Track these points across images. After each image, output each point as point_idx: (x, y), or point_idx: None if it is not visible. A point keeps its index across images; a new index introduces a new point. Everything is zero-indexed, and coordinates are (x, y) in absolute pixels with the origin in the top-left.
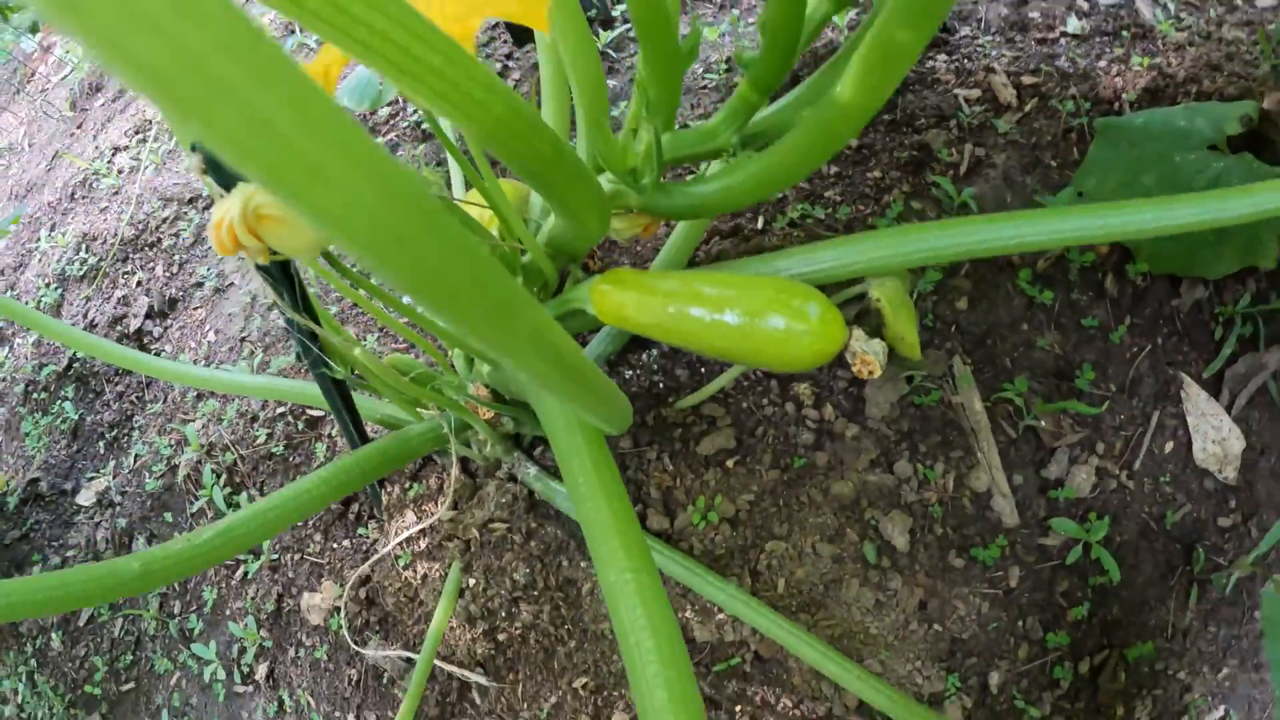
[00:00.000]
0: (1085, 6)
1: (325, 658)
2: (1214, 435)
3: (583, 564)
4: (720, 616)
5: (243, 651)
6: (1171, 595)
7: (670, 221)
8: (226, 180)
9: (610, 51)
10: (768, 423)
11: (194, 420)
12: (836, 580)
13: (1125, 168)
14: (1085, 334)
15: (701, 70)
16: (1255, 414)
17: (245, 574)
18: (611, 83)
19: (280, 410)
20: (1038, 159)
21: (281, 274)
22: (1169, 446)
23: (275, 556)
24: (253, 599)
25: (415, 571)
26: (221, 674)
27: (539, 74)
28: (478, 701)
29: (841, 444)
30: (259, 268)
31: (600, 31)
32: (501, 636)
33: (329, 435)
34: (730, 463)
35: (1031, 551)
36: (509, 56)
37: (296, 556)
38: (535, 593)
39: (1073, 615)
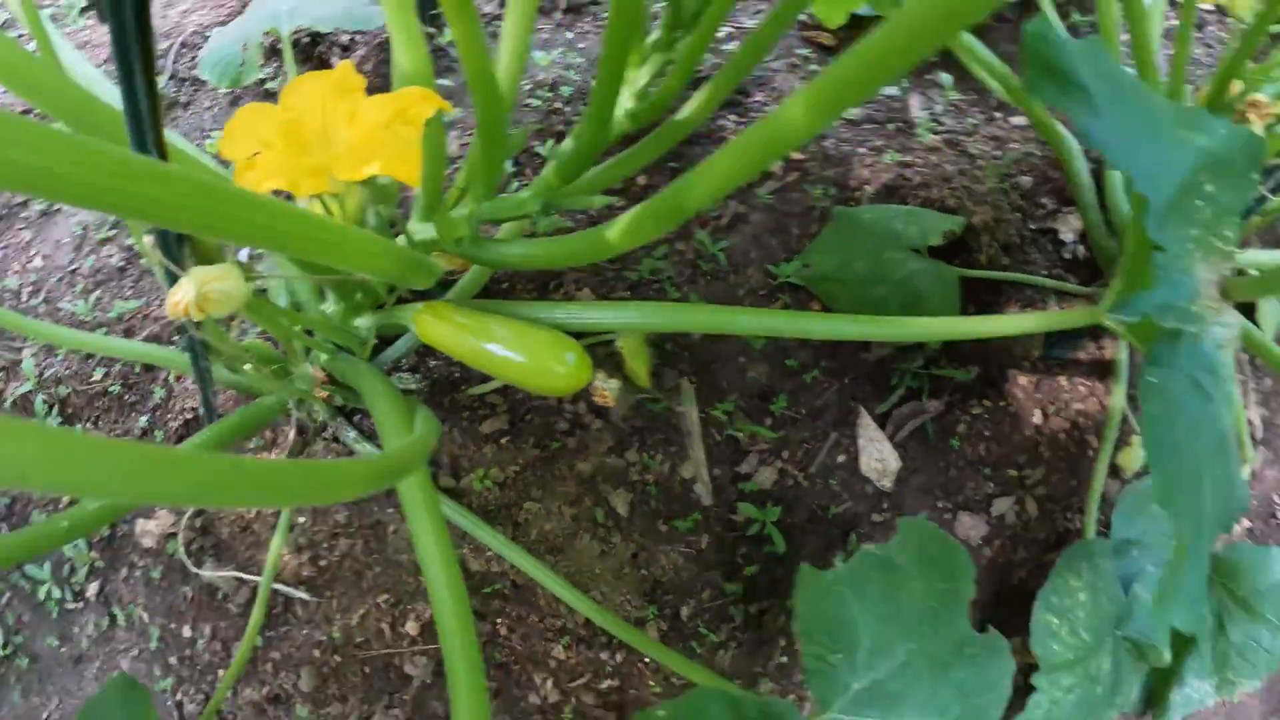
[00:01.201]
0: None
1: (159, 577)
2: (877, 455)
3: (389, 511)
4: (489, 554)
5: (73, 571)
6: (828, 566)
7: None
8: (173, 256)
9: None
10: (535, 412)
11: (26, 348)
12: (574, 534)
13: (844, 252)
14: (788, 370)
15: (530, 88)
16: (913, 444)
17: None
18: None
19: None
20: (784, 225)
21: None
22: (841, 459)
23: None
24: None
25: (250, 508)
26: (56, 593)
27: None
28: (300, 613)
29: (588, 433)
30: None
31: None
32: (322, 563)
33: (165, 381)
34: (503, 440)
35: (720, 524)
36: None
37: None
38: (351, 530)
39: (747, 572)
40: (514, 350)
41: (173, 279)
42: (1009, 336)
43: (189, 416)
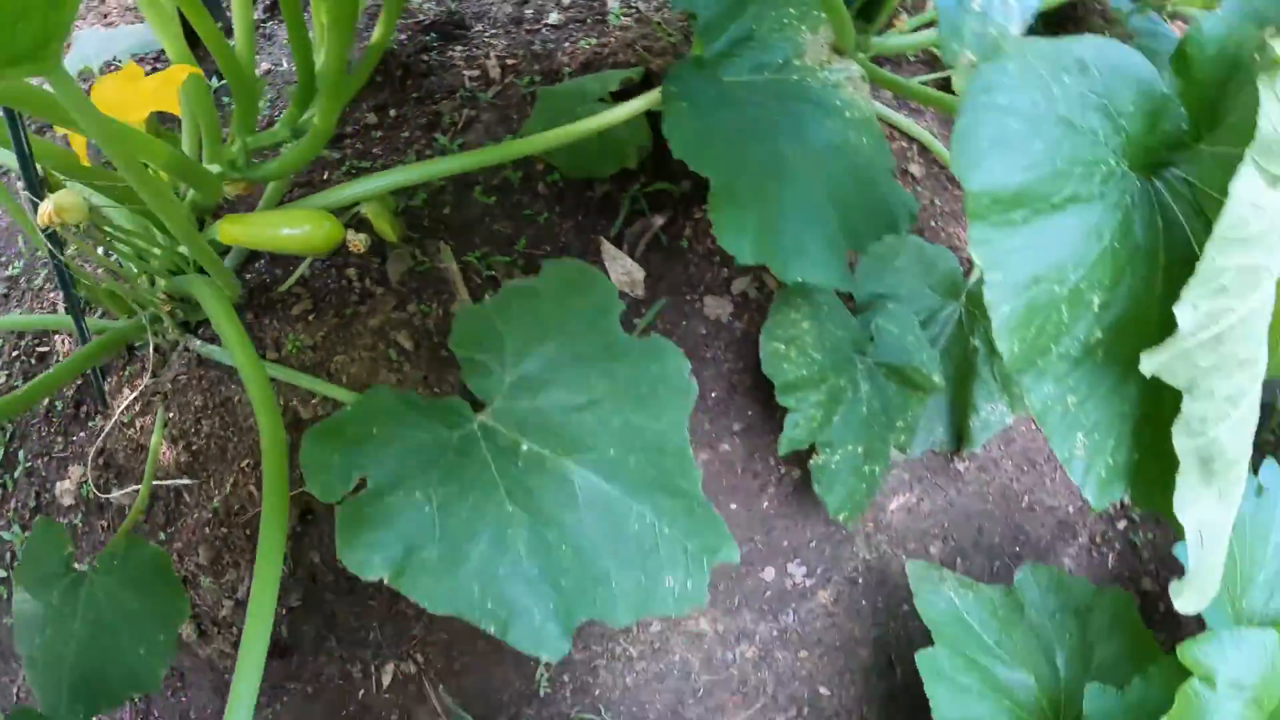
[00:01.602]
0: (566, 2)
1: (80, 523)
2: (623, 270)
3: (234, 387)
4: (314, 401)
5: (14, 556)
6: None
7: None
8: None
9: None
10: (331, 293)
11: None
12: (374, 371)
13: (548, 118)
14: (527, 219)
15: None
16: (651, 254)
17: (5, 488)
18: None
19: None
20: (507, 116)
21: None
22: None
23: (29, 464)
24: (15, 509)
25: (135, 428)
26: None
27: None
28: (188, 499)
29: (375, 299)
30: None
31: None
32: (194, 447)
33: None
34: (310, 317)
35: None
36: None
37: (46, 459)
38: (209, 411)
39: None
40: (290, 228)
41: (36, 207)
42: None
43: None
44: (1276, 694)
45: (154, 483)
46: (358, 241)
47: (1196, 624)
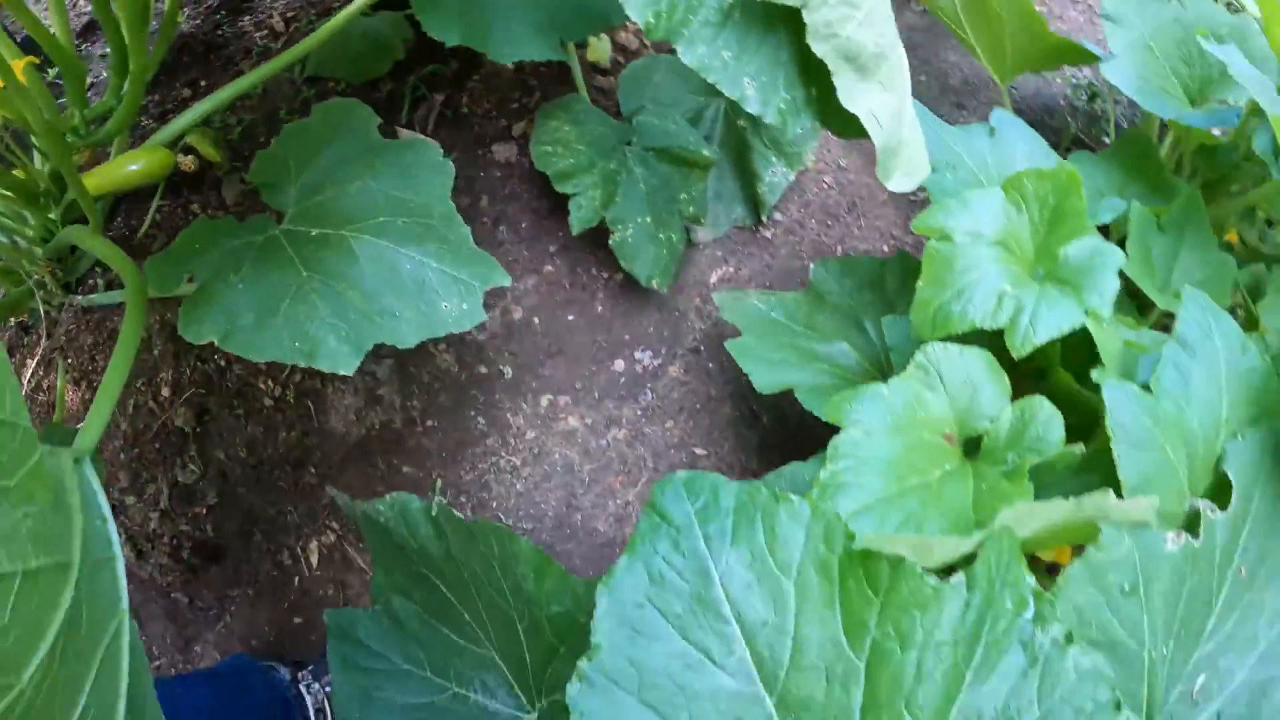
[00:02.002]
0: None
1: None
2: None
3: (118, 319)
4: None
5: None
6: None
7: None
8: None
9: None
10: (181, 225)
11: None
12: None
13: (335, 48)
14: None
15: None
16: (440, 128)
17: None
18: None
19: None
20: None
21: None
22: None
23: None
24: None
25: (44, 390)
26: None
27: None
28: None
29: (218, 218)
30: None
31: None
32: (95, 384)
33: None
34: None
35: None
36: None
37: None
38: (100, 346)
39: None
40: (133, 164)
41: None
42: None
43: None
44: (1024, 239)
45: (65, 428)
46: (187, 161)
47: None
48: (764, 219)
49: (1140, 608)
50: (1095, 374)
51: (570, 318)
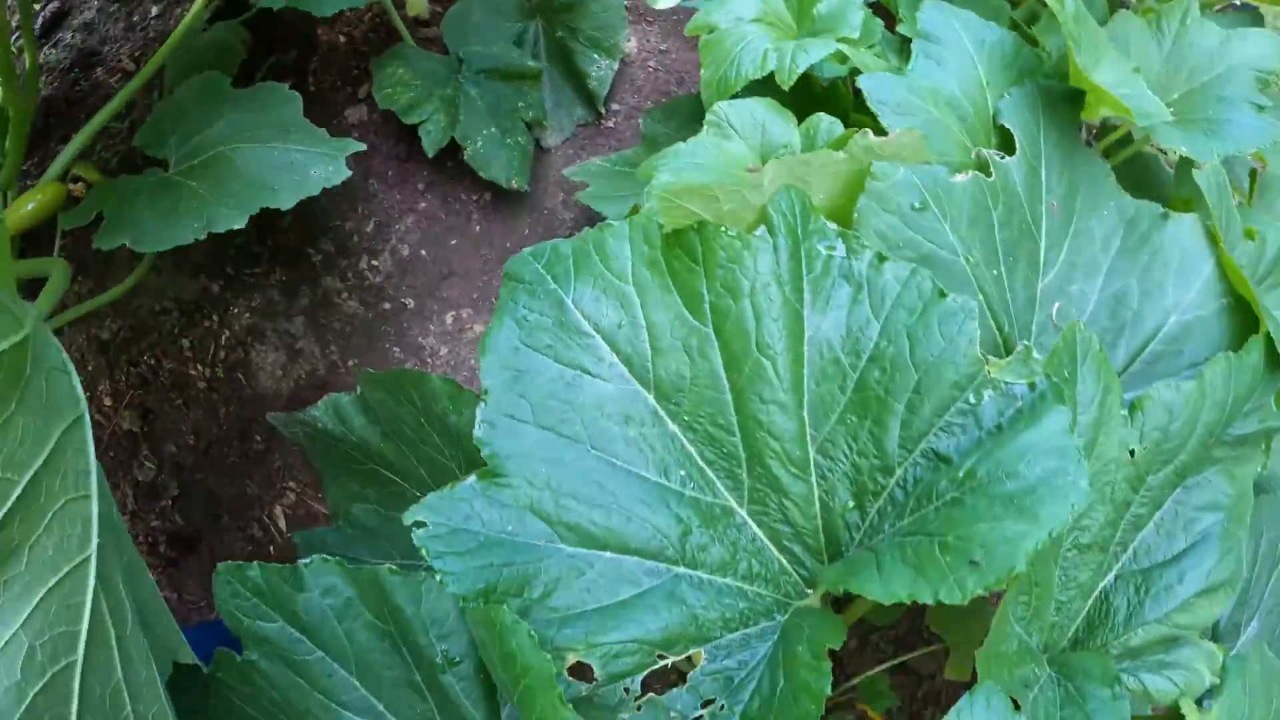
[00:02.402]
0: None
1: None
2: None
3: None
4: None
5: None
6: None
7: None
8: None
9: None
10: (87, 249)
11: None
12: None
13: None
14: None
15: None
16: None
17: None
18: None
19: None
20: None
21: None
22: None
23: None
24: None
25: None
26: None
27: None
28: None
29: None
30: None
31: None
32: None
33: None
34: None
35: None
36: None
37: None
38: None
39: None
40: (31, 202)
41: None
42: None
43: None
44: (783, 15)
45: None
46: (78, 188)
47: None
48: (603, 111)
49: (938, 221)
50: (859, 79)
51: (453, 242)
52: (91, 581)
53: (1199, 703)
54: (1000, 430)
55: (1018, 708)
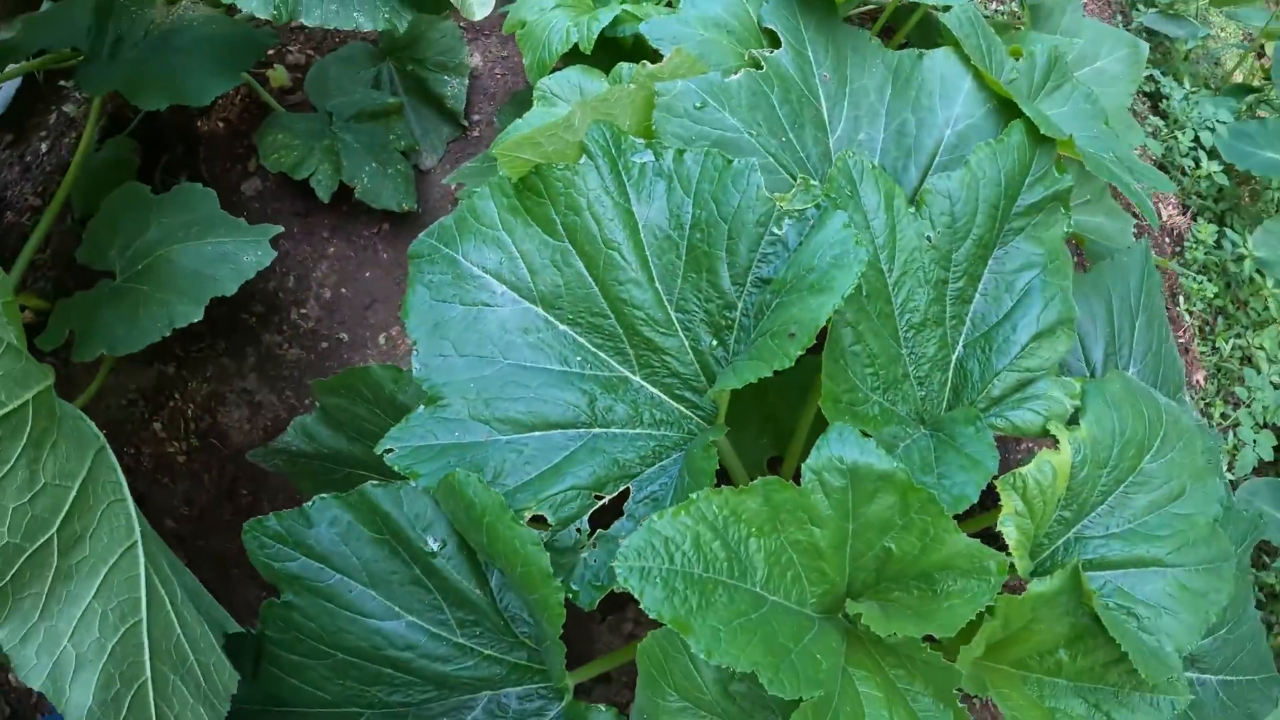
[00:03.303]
0: None
1: None
2: None
3: None
4: None
5: None
6: None
7: None
8: None
9: None
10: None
11: None
12: None
13: None
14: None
15: None
16: None
17: None
18: None
19: None
20: None
21: None
22: None
23: None
24: None
25: None
26: None
27: None
28: None
29: None
30: None
31: None
32: None
33: None
34: None
35: None
36: None
37: None
38: None
39: None
40: None
41: None
42: None
43: None
44: None
45: None
46: (27, 314)
47: None
48: (466, 124)
49: (719, 112)
50: (640, 26)
51: (368, 274)
52: (142, 560)
53: (1068, 425)
54: (801, 244)
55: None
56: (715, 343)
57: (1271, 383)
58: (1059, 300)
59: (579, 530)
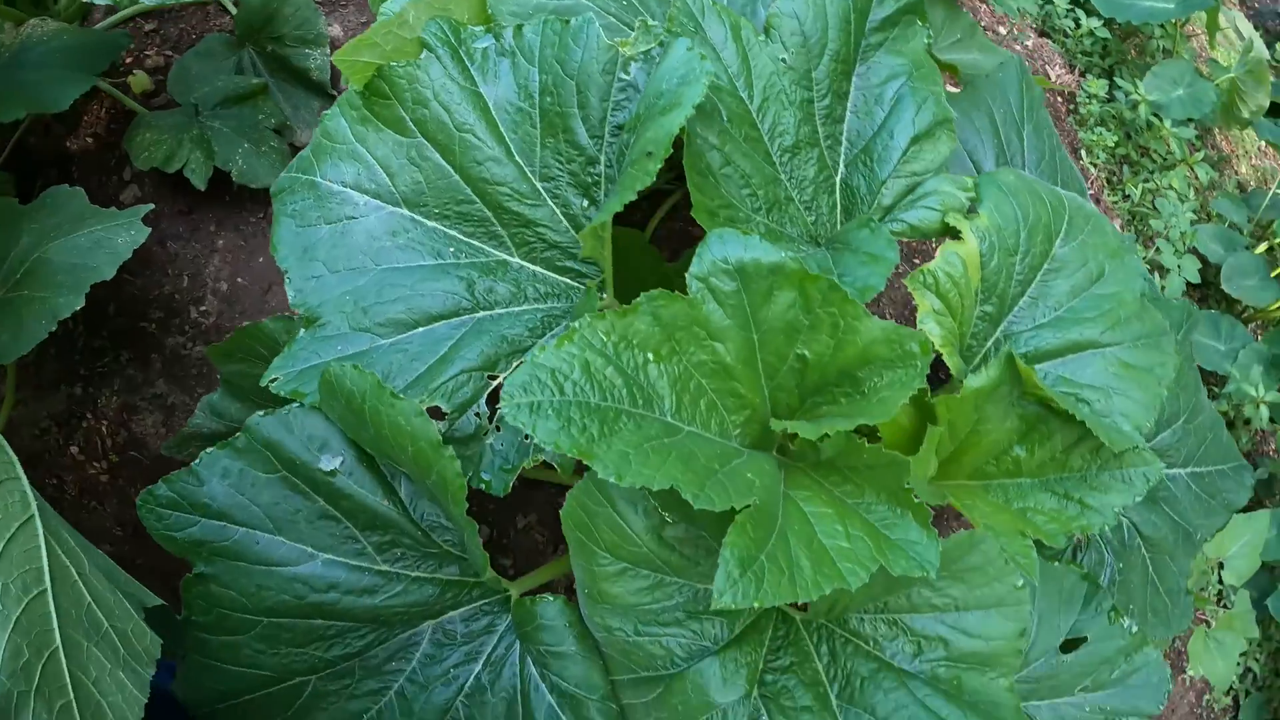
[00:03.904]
0: None
1: None
2: None
3: None
4: None
5: None
6: None
7: None
8: None
9: None
10: None
11: None
12: None
13: None
14: None
15: None
16: None
17: None
18: None
19: None
20: None
21: None
22: None
23: None
24: None
25: None
26: None
27: None
28: None
29: None
30: None
31: None
32: None
33: None
34: None
35: None
36: None
37: None
38: None
39: None
40: None
41: None
42: None
43: None
44: None
45: None
46: None
47: None
48: (334, 94)
49: None
50: None
51: (261, 259)
52: (40, 532)
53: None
54: (649, 80)
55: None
56: (587, 203)
57: (1189, 220)
58: (931, 103)
59: (478, 414)
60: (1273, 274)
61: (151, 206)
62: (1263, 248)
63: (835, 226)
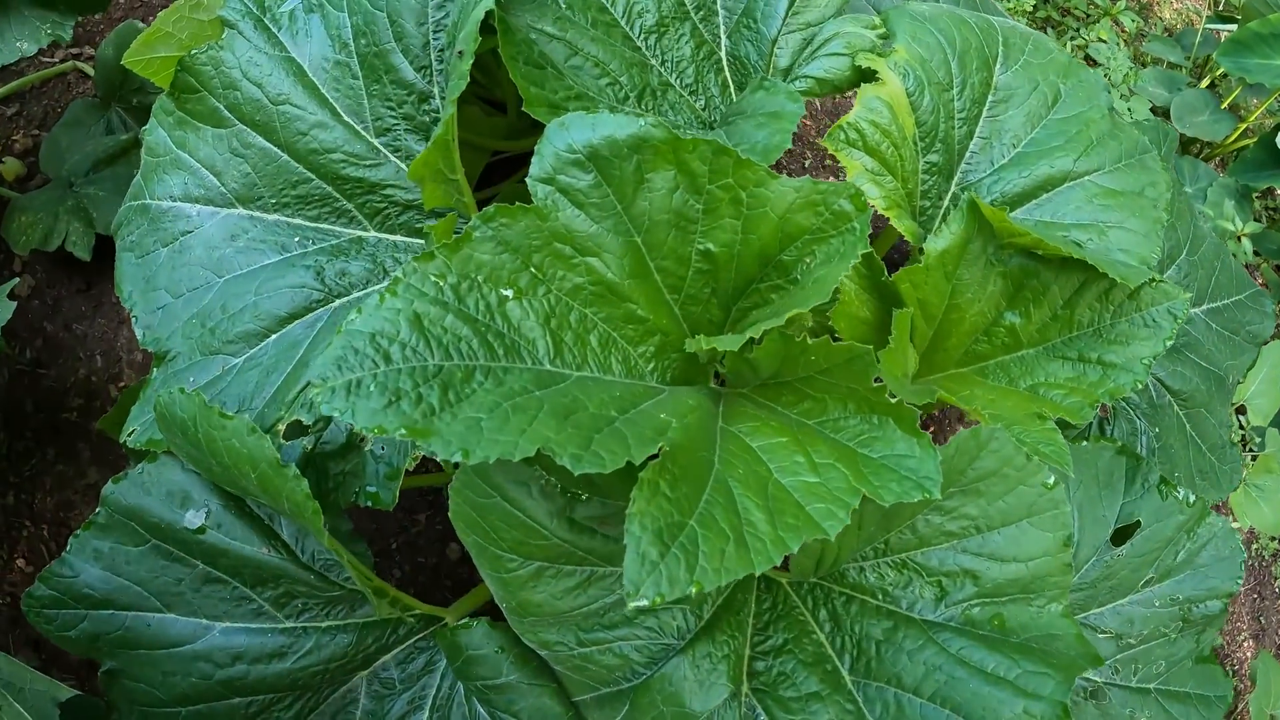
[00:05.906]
0: None
1: None
2: None
3: None
4: None
5: None
6: None
7: None
8: None
9: None
10: None
11: None
12: None
13: None
14: None
15: None
16: None
17: None
18: None
19: None
20: None
21: None
22: None
23: None
24: None
25: None
26: None
27: None
28: None
29: None
30: None
31: None
32: None
33: None
34: None
35: None
36: None
37: None
38: None
39: None
40: None
41: None
42: None
43: None
44: None
45: None
46: None
47: None
48: None
49: None
50: None
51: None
52: None
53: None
54: None
55: None
56: (420, 137)
57: (1128, 65)
58: None
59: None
60: (1222, 105)
61: (16, 281)
62: (1205, 82)
63: (733, 104)
